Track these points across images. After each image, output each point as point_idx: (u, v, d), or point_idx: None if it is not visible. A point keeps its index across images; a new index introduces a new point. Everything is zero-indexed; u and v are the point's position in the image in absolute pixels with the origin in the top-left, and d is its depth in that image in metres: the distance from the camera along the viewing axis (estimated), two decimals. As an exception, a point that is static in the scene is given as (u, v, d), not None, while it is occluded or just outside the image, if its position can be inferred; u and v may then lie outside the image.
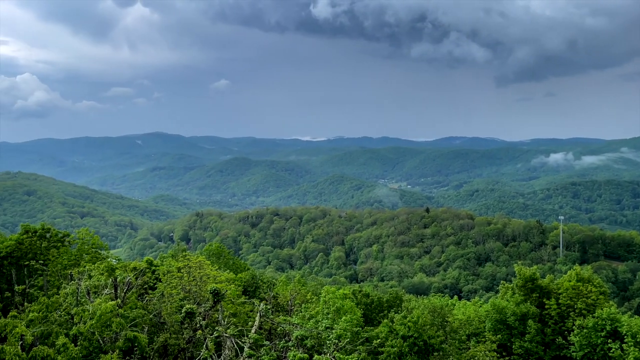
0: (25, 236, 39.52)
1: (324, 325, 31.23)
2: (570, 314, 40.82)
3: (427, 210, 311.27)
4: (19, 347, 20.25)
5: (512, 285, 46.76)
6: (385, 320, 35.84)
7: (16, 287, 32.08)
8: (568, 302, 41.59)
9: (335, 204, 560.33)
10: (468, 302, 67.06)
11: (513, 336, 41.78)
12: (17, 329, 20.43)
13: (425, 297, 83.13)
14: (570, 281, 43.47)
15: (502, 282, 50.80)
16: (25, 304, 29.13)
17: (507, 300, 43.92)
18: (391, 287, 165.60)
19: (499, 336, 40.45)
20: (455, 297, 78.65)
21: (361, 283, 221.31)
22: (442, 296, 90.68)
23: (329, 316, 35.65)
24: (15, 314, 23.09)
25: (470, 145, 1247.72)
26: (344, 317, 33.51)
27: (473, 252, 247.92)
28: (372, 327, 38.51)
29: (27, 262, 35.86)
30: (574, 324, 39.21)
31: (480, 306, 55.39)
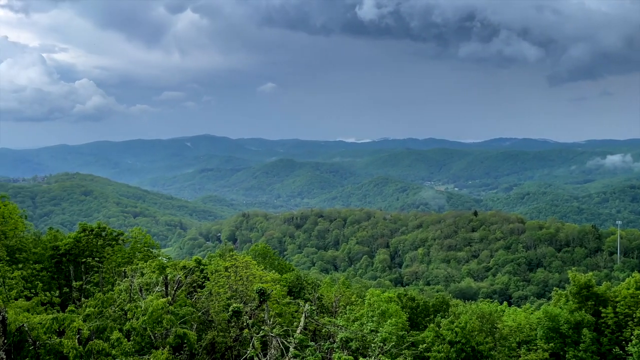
0: (82, 234, 41.38)
1: (369, 328, 31.05)
2: (629, 323, 38.85)
3: (475, 214, 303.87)
4: (76, 340, 21.22)
5: (565, 292, 44.97)
6: (432, 325, 35.26)
7: (74, 283, 33.63)
8: (626, 310, 39.58)
9: (379, 206, 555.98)
10: (518, 309, 64.88)
11: (566, 345, 40.12)
12: (75, 323, 21.38)
13: (473, 302, 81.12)
14: (628, 289, 41.33)
15: (554, 288, 48.98)
16: (82, 299, 30.51)
17: (561, 308, 42.25)
18: (437, 292, 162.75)
19: (551, 345, 38.97)
20: (505, 303, 76.18)
21: (406, 287, 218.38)
22: (491, 302, 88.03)
23: (374, 319, 35.41)
24: (73, 308, 24.20)
25: (521, 146, 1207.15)
26: (389, 321, 33.19)
27: (524, 257, 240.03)
28: (417, 332, 37.98)
29: (84, 260, 37.50)
30: (632, 334, 37.27)
31: (532, 313, 53.51)
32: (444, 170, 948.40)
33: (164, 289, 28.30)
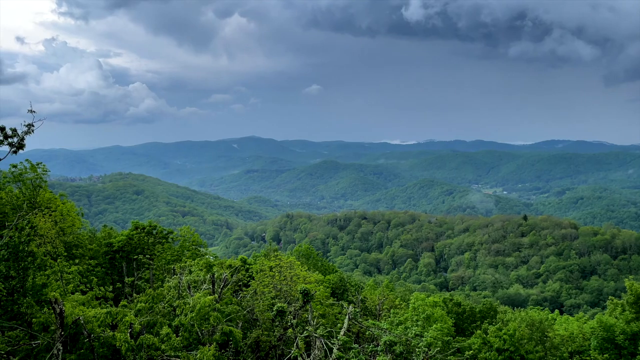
0: (134, 232, 42.96)
1: (413, 332, 30.62)
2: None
3: (525, 218, 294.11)
4: (128, 334, 22.01)
5: (622, 301, 42.79)
6: (479, 332, 34.40)
7: (126, 279, 34.90)
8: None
9: (424, 209, 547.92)
10: (571, 318, 62.35)
11: (622, 357, 38.18)
12: (127, 317, 22.18)
13: (522, 309, 78.58)
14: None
15: (610, 297, 46.68)
16: (134, 294, 31.63)
17: (616, 318, 40.24)
18: (484, 298, 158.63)
19: (605, 356, 37.19)
20: (556, 311, 73.41)
21: (452, 291, 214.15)
22: (541, 309, 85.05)
23: (419, 323, 34.90)
24: (125, 303, 25.10)
25: (574, 149, 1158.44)
26: (434, 325, 32.64)
27: (576, 264, 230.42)
28: (463, 338, 37.15)
29: (135, 256, 38.88)
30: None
31: (585, 322, 51.29)
32: (492, 173, 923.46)
33: (211, 286, 28.95)
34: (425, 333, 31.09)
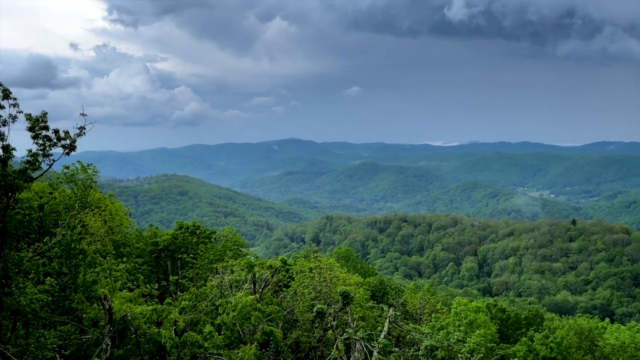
0: (179, 232, 44.10)
1: (455, 337, 30.03)
2: None
3: (574, 222, 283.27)
4: (172, 331, 22.60)
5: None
6: (524, 339, 33.38)
7: (171, 278, 35.90)
8: None
9: (467, 212, 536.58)
10: (622, 327, 59.54)
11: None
12: (172, 315, 22.79)
13: (570, 317, 75.70)
14: None
15: (667, 307, 44.33)
16: (178, 293, 32.47)
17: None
18: (530, 304, 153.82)
19: (662, 369, 35.29)
20: (607, 319, 70.27)
21: (495, 297, 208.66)
22: (591, 318, 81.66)
23: (461, 329, 34.20)
24: (170, 301, 25.80)
25: (627, 150, 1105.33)
26: (477, 331, 31.90)
27: (629, 270, 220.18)
28: (508, 345, 36.14)
29: (180, 255, 39.91)
30: None
31: (638, 332, 48.86)
32: (538, 175, 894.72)
33: (252, 286, 29.35)
34: (468, 339, 30.42)
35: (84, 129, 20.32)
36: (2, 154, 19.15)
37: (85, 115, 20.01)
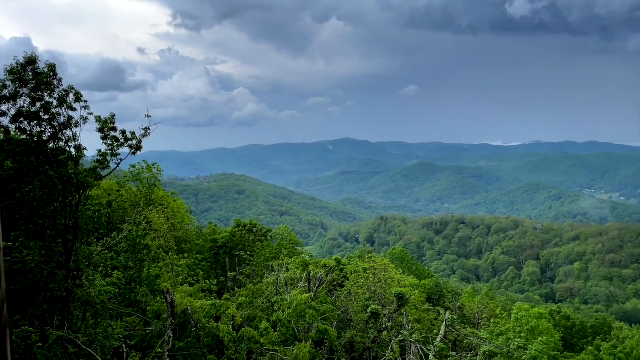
0: (237, 229, 45.23)
1: (516, 344, 28.96)
2: None
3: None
4: (230, 326, 23.21)
5: None
6: (590, 348, 31.65)
7: (229, 274, 36.83)
8: None
9: (529, 214, 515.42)
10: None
11: None
12: (230, 310, 23.41)
13: (641, 327, 71.03)
14: None
15: None
16: (236, 289, 33.27)
17: None
18: (597, 312, 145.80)
19: None
20: (684, 332, 65.33)
21: (559, 304, 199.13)
22: (665, 329, 76.17)
23: (522, 335, 32.91)
24: (228, 297, 26.50)
25: None
26: (539, 338, 30.60)
27: None
28: (572, 353, 34.42)
29: (237, 252, 40.91)
30: None
31: None
32: (607, 177, 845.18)
33: (307, 285, 29.62)
34: (530, 346, 29.24)
35: (149, 129, 21.28)
36: (74, 153, 20.39)
37: (150, 116, 20.97)
